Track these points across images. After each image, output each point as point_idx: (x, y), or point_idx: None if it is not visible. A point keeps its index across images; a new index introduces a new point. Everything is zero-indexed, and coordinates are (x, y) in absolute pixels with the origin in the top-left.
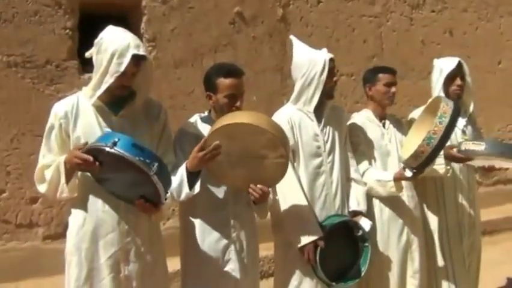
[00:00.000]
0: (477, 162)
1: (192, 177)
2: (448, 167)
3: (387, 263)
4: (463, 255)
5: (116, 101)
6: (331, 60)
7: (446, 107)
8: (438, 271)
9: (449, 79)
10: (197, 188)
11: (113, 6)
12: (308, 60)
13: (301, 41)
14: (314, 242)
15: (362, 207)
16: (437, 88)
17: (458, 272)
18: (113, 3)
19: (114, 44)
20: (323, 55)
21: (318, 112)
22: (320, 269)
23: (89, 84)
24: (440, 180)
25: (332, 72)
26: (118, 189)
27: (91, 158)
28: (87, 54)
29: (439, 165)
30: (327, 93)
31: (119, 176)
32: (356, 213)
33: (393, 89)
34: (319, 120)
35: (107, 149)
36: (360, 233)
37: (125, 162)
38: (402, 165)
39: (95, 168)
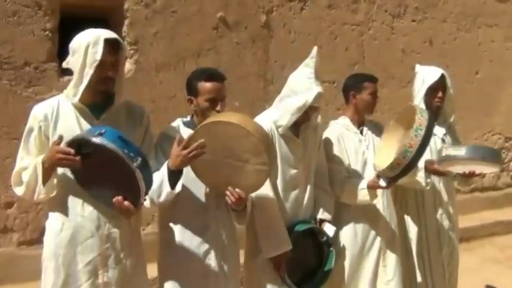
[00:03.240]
0: (457, 169)
1: (173, 177)
2: (428, 180)
3: (360, 271)
4: (442, 264)
5: (98, 105)
6: (316, 107)
7: (422, 119)
8: (417, 280)
9: (431, 90)
10: (178, 187)
11: (95, 9)
12: (297, 92)
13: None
14: (285, 254)
15: (327, 215)
16: (418, 97)
17: (437, 281)
18: (94, 5)
19: (86, 38)
20: (307, 98)
21: (297, 125)
22: (287, 279)
23: (69, 85)
24: (420, 189)
25: (308, 114)
26: (98, 190)
27: (72, 151)
28: (64, 64)
29: (419, 178)
30: (298, 124)
31: (100, 174)
32: (322, 221)
33: (376, 99)
34: (297, 133)
35: (93, 138)
36: (325, 238)
37: (109, 154)
38: (376, 173)
39: (76, 163)
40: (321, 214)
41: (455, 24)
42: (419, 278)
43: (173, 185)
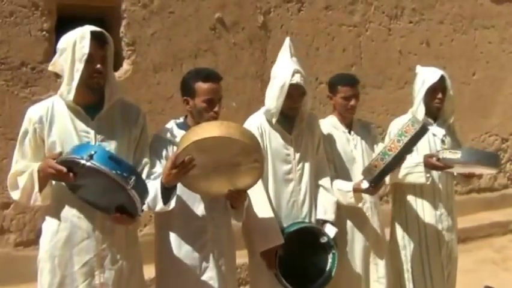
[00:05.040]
0: (456, 170)
1: (167, 192)
2: (428, 175)
3: (352, 270)
4: (441, 264)
5: (92, 105)
6: (297, 85)
7: (411, 127)
8: (416, 279)
9: (431, 91)
10: (172, 203)
11: (92, 9)
12: (276, 78)
13: (289, 48)
14: (275, 249)
15: (329, 216)
16: (418, 98)
17: (436, 281)
18: (91, 5)
19: (72, 36)
20: (286, 77)
21: (290, 120)
22: (280, 276)
23: (62, 85)
24: (419, 189)
25: (293, 96)
26: (93, 198)
27: (64, 169)
28: (50, 67)
29: (419, 173)
30: (286, 113)
31: (94, 186)
32: (324, 222)
33: (351, 102)
34: (290, 129)
35: (83, 161)
36: (325, 239)
37: (102, 175)
38: (362, 176)
39: (69, 180)
40: (323, 215)
41: (452, 26)
42: (417, 274)
43: (166, 199)
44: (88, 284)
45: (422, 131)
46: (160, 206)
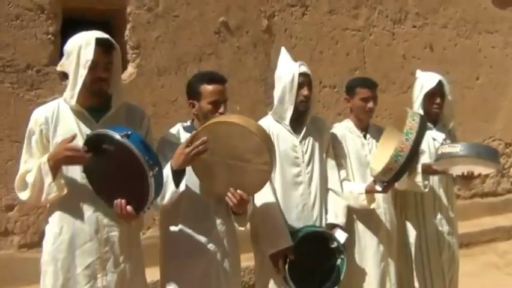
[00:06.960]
0: (456, 170)
1: (176, 177)
2: (426, 182)
3: (365, 276)
4: (442, 269)
5: (97, 108)
6: (304, 74)
7: (412, 123)
8: (418, 284)
9: (429, 96)
10: (182, 186)
11: (97, 12)
12: (284, 74)
13: (288, 53)
14: (283, 252)
15: (340, 220)
16: (417, 102)
17: (437, 284)
18: (97, 9)
19: (78, 40)
20: (293, 69)
21: (298, 123)
22: (289, 279)
23: (66, 88)
24: (420, 194)
25: (303, 85)
26: (105, 189)
27: (84, 148)
28: (58, 68)
29: (417, 182)
30: (297, 107)
31: (111, 173)
32: (334, 226)
33: (370, 104)
34: (299, 131)
35: (119, 138)
36: (335, 244)
37: (129, 157)
38: (373, 178)
39: (84, 161)
40: (334, 219)
41: (456, 30)
42: (417, 285)
43: (176, 184)
44: (91, 287)
45: (423, 121)
46: (171, 189)
